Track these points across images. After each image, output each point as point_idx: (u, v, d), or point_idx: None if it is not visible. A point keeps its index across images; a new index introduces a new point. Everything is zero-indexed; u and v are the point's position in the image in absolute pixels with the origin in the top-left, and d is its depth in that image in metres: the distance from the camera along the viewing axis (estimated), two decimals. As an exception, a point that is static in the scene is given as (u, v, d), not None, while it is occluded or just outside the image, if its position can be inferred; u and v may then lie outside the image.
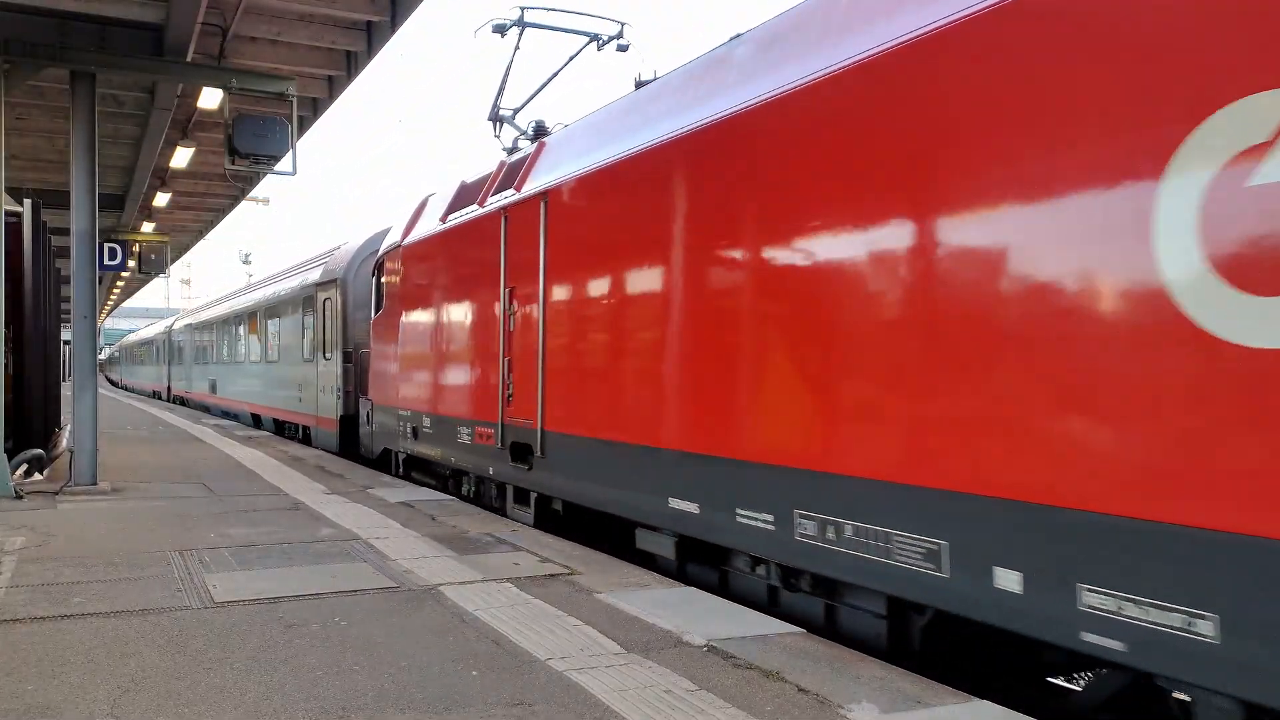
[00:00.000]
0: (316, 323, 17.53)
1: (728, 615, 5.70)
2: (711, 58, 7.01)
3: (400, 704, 4.19)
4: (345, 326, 16.07)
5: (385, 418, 13.17)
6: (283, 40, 12.94)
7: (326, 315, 16.95)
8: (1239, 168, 3.38)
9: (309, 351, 18.25)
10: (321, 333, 17.23)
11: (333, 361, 16.51)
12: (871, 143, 5.09)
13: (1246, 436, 3.34)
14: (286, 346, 20.30)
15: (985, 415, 4.36)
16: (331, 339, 16.63)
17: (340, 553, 7.54)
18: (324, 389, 17.04)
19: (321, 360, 17.23)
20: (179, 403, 38.43)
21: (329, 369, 16.78)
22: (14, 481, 10.84)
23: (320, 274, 17.73)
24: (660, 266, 6.94)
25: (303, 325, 18.83)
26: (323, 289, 17.36)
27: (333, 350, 16.49)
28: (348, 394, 15.90)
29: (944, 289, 4.60)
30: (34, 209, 13.98)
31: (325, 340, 17.02)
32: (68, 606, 5.84)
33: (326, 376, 16.88)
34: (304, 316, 18.71)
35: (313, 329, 17.87)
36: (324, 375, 17.03)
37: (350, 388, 15.87)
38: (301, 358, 18.77)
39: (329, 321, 16.83)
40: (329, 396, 16.74)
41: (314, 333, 17.72)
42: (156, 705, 4.17)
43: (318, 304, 17.54)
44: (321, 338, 17.23)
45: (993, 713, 4.14)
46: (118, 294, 47.00)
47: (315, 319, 17.66)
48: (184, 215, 24.98)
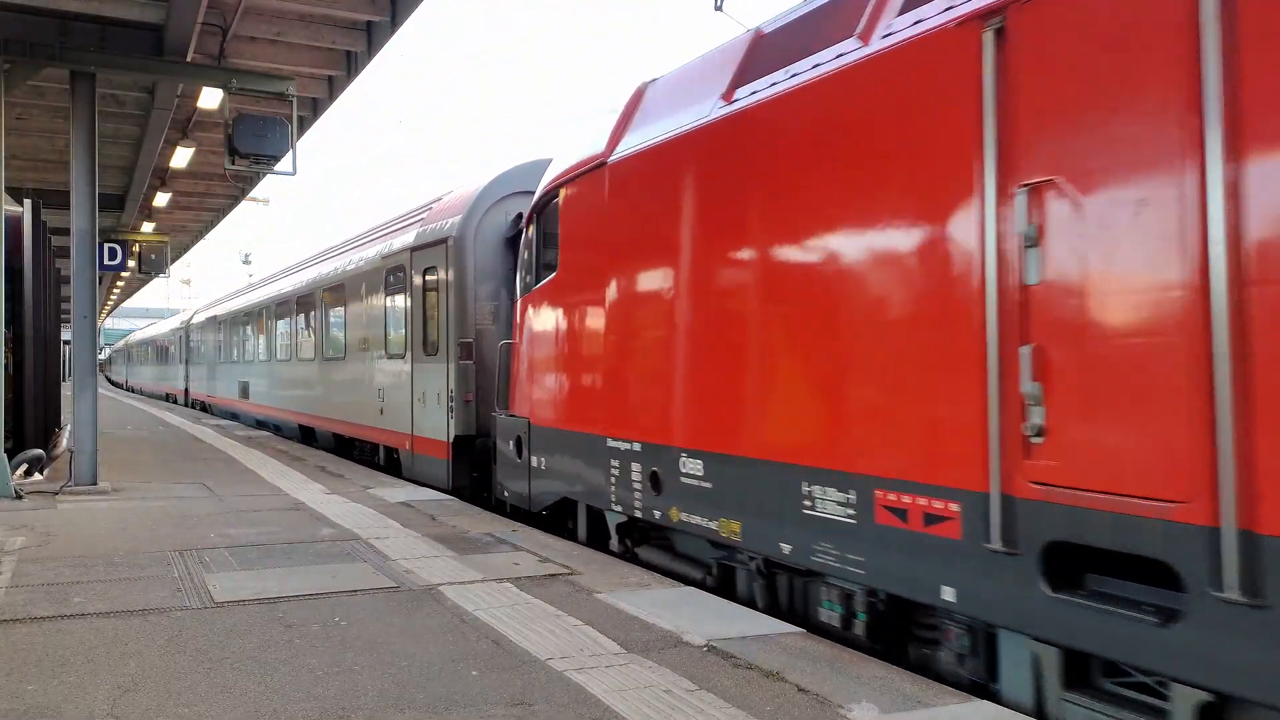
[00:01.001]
0: (411, 304, 12.76)
1: (728, 615, 5.70)
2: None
3: (400, 704, 4.19)
4: (462, 307, 11.45)
5: (563, 449, 8.35)
6: (283, 40, 12.94)
7: (428, 292, 12.31)
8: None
9: (396, 344, 13.47)
10: (420, 318, 12.51)
11: (440, 358, 11.80)
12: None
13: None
14: (359, 339, 15.19)
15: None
16: (438, 326, 11.93)
17: (340, 553, 7.54)
18: (424, 397, 12.28)
19: (419, 356, 12.50)
20: (200, 409, 32.38)
21: (432, 369, 12.03)
22: (14, 481, 10.85)
23: (416, 236, 12.77)
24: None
25: (385, 309, 13.95)
26: (422, 256, 12.52)
27: (441, 342, 11.78)
28: (466, 405, 11.30)
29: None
30: (34, 209, 14.00)
31: (426, 328, 12.34)
32: (68, 606, 5.84)
33: (429, 379, 12.12)
34: (387, 297, 13.85)
35: (404, 313, 13.04)
36: (424, 378, 12.27)
37: (470, 396, 11.26)
38: (383, 353, 14.00)
39: (434, 301, 12.16)
40: (433, 408, 11.96)
41: (406, 318, 12.94)
42: (157, 705, 4.17)
43: (412, 278, 12.80)
44: (419, 325, 12.51)
45: (993, 713, 4.14)
46: (118, 294, 47.02)
47: (408, 299, 12.84)
48: (184, 215, 24.98)
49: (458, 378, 11.34)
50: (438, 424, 11.79)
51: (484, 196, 11.57)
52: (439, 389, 11.74)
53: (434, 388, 11.94)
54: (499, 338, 10.92)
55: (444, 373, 11.63)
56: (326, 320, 17.46)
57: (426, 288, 12.36)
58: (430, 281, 12.26)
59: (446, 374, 11.55)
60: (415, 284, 12.64)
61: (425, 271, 12.34)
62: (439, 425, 11.74)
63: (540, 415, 8.87)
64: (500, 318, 11.35)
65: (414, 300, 12.65)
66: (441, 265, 11.81)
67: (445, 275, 11.70)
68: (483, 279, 11.49)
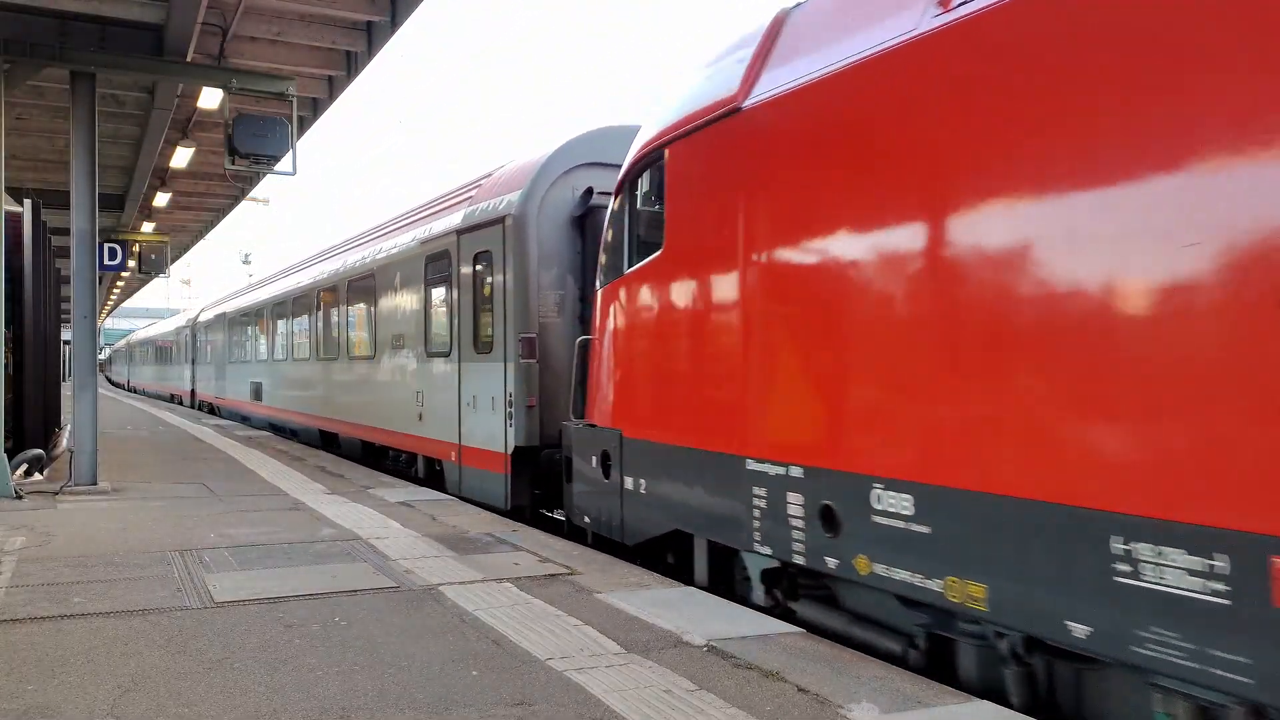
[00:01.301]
0: (457, 295, 11.19)
1: (728, 615, 5.70)
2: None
3: (400, 704, 4.20)
4: (523, 297, 9.86)
5: (675, 470, 6.81)
6: (283, 40, 12.94)
7: (479, 281, 10.76)
8: None
9: (439, 341, 11.91)
10: (469, 311, 10.94)
11: (495, 356, 10.24)
12: None
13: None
14: (393, 335, 13.50)
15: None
16: (493, 320, 10.36)
17: (340, 553, 7.54)
18: (474, 401, 10.70)
19: (468, 355, 10.94)
20: (208, 411, 30.71)
21: (485, 370, 10.47)
22: (14, 481, 10.85)
23: (464, 217, 11.17)
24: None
25: (425, 301, 12.34)
26: (472, 239, 10.88)
27: (496, 338, 10.24)
28: (528, 411, 9.76)
29: None
30: (34, 209, 14.02)
31: (477, 322, 10.82)
32: (68, 606, 5.84)
33: (480, 381, 10.56)
34: (427, 288, 12.26)
35: (449, 306, 11.49)
36: (475, 379, 10.72)
37: (533, 400, 9.78)
38: (422, 351, 12.38)
39: (486, 291, 10.59)
40: (485, 414, 10.41)
41: (452, 312, 11.36)
42: (157, 705, 4.17)
43: (458, 265, 11.23)
44: (468, 319, 10.94)
45: (992, 713, 4.14)
46: (118, 294, 47.02)
47: (454, 289, 11.29)
48: (184, 215, 24.98)
49: (518, 379, 9.77)
50: (492, 432, 10.17)
51: (548, 169, 9.98)
52: (494, 392, 10.15)
53: (487, 391, 10.35)
54: (565, 332, 9.76)
55: (500, 373, 10.02)
56: (353, 315, 15.73)
57: (477, 276, 10.79)
58: (482, 268, 10.66)
59: (503, 375, 9.94)
60: (463, 272, 11.09)
61: (476, 257, 10.75)
62: (494, 434, 10.14)
63: (638, 426, 7.26)
64: (566, 309, 9.93)
65: (461, 291, 11.09)
66: (497, 249, 10.24)
67: (501, 261, 10.12)
68: (546, 264, 9.90)
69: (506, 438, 9.89)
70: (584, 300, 9.74)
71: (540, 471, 9.78)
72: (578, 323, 9.78)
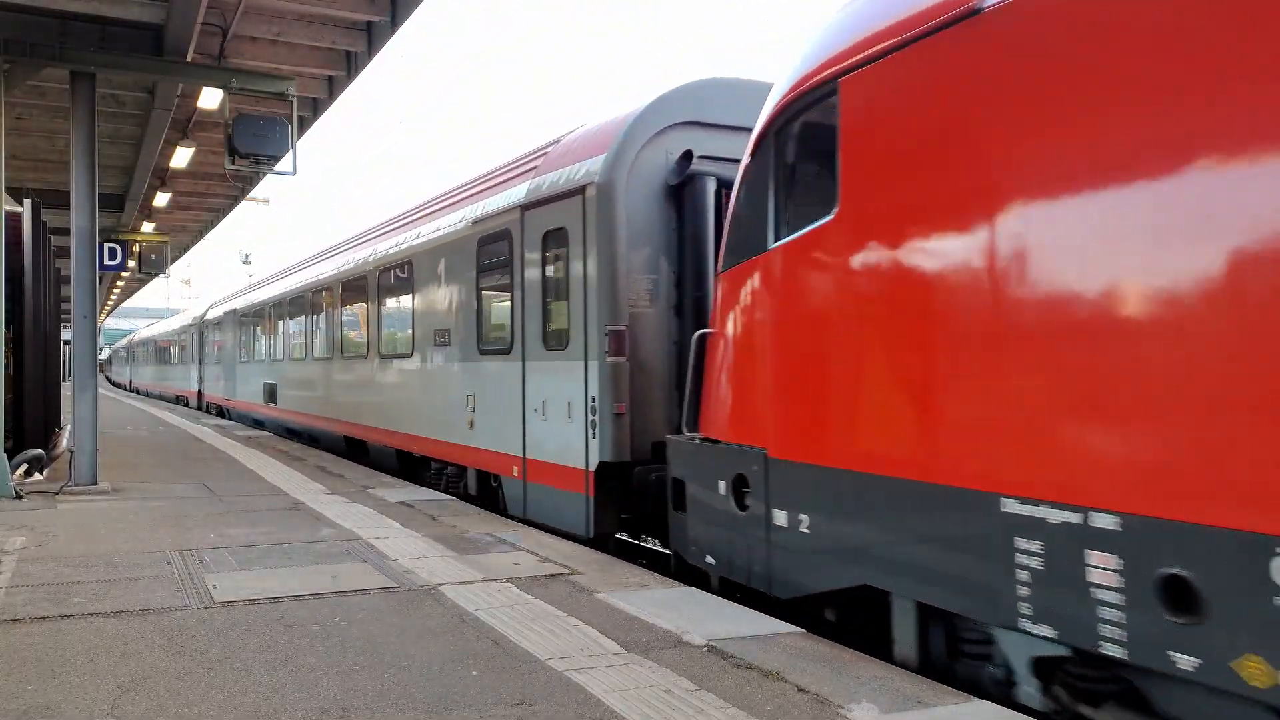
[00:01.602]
0: (521, 281, 9.62)
1: (728, 615, 5.70)
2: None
3: (400, 704, 4.20)
4: (610, 282, 8.27)
5: (864, 505, 5.19)
6: (283, 40, 12.95)
7: (549, 265, 9.23)
8: None
9: (496, 337, 10.37)
10: (535, 300, 9.36)
11: (571, 354, 8.69)
12: None
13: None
14: (436, 331, 11.88)
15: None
16: (569, 310, 8.81)
17: (340, 553, 7.54)
18: (543, 407, 9.11)
19: (535, 352, 9.34)
20: (217, 413, 28.94)
21: (558, 369, 8.92)
22: (14, 481, 10.85)
23: (529, 190, 9.58)
24: None
25: (477, 290, 10.75)
26: (540, 215, 9.29)
27: (574, 331, 8.68)
28: (617, 419, 8.19)
29: None
30: (34, 209, 14.02)
31: (546, 313, 9.24)
32: (68, 606, 5.84)
33: (552, 383, 9.00)
34: (480, 275, 10.65)
35: (510, 295, 9.91)
36: (544, 380, 9.13)
37: (623, 406, 8.21)
38: (473, 348, 10.78)
39: (559, 276, 9.03)
40: (558, 423, 8.84)
41: (514, 301, 9.78)
42: (157, 705, 4.17)
43: (521, 247, 9.63)
44: (535, 309, 9.37)
45: (992, 713, 4.14)
46: (118, 294, 47.05)
47: (517, 275, 9.70)
48: (184, 215, 25.00)
49: (604, 380, 8.18)
50: (568, 444, 8.63)
51: (637, 129, 8.44)
52: (570, 396, 8.59)
53: (562, 394, 8.75)
54: (658, 325, 8.40)
55: (579, 374, 8.50)
56: (385, 308, 14.17)
57: (547, 258, 9.22)
58: (554, 249, 9.10)
59: (583, 375, 8.42)
60: (527, 255, 9.52)
61: (546, 237, 9.18)
62: (570, 446, 8.59)
63: (797, 445, 5.65)
64: (660, 297, 8.44)
65: (526, 276, 9.53)
66: (574, 225, 8.69)
67: (581, 239, 8.57)
68: (637, 243, 8.35)
69: (588, 451, 8.34)
70: (679, 286, 8.45)
71: (635, 492, 8.19)
72: (673, 313, 8.46)
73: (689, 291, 8.33)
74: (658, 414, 8.25)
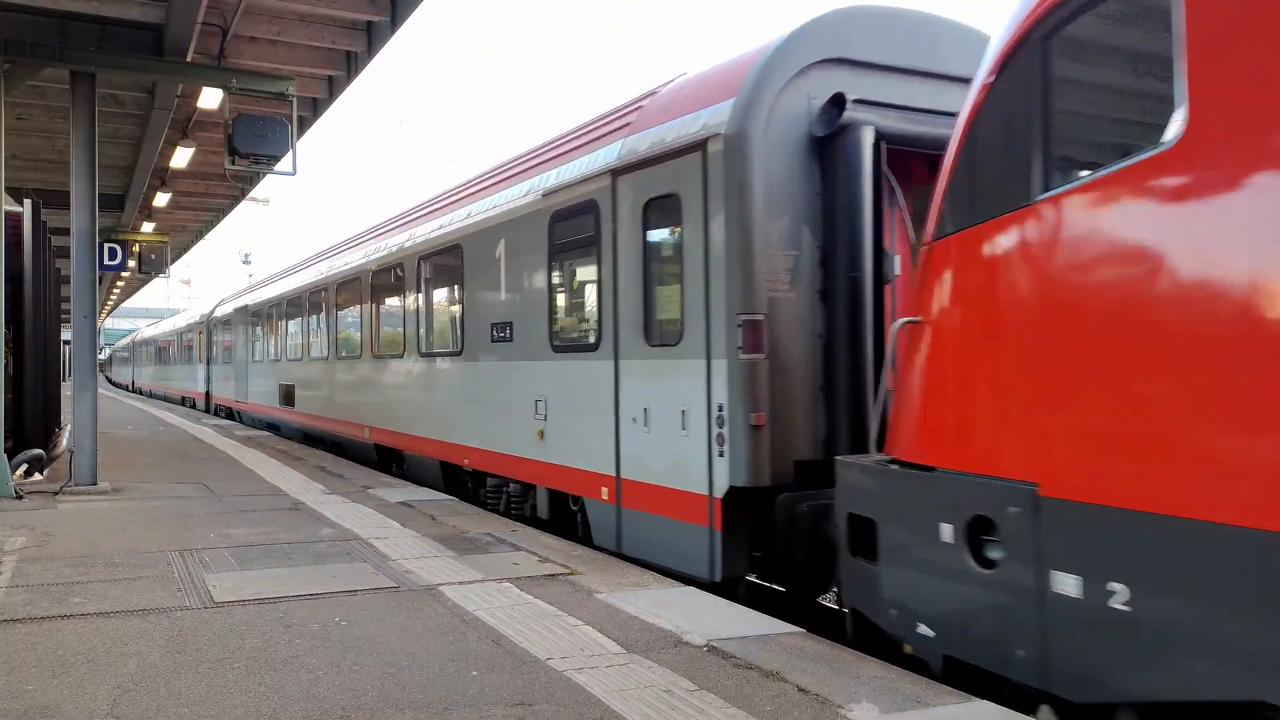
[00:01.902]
0: (614, 261, 8.01)
1: (728, 615, 5.70)
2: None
3: (400, 704, 4.20)
4: (745, 260, 6.69)
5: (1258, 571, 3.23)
6: (283, 40, 12.95)
7: (652, 241, 7.69)
8: None
9: (579, 330, 8.92)
10: (634, 284, 7.79)
11: (687, 350, 7.11)
12: None
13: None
14: (497, 323, 10.12)
15: None
16: (688, 295, 7.15)
17: (340, 553, 7.54)
18: (645, 416, 7.52)
19: (633, 348, 7.74)
20: (226, 416, 27.23)
21: (665, 370, 7.37)
22: (14, 481, 10.85)
23: (624, 150, 7.98)
24: None
25: (550, 273, 9.07)
26: (639, 181, 7.73)
27: (692, 322, 7.07)
28: (754, 433, 6.55)
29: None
30: (34, 209, 14.02)
31: (650, 299, 7.65)
32: (68, 606, 5.84)
33: (658, 386, 7.42)
34: (555, 256, 9.00)
35: (599, 278, 8.24)
36: (647, 383, 7.57)
37: (762, 417, 6.60)
38: (548, 343, 9.06)
39: (669, 254, 7.57)
40: (668, 436, 7.27)
41: (603, 287, 8.18)
42: (157, 705, 4.17)
43: (613, 221, 8.04)
44: (635, 295, 7.77)
45: (992, 712, 4.14)
46: (118, 294, 47.05)
47: (607, 254, 8.10)
48: (184, 215, 25.00)
49: (735, 383, 6.53)
50: (683, 463, 7.00)
51: (774, 68, 6.82)
52: (686, 402, 6.97)
53: (673, 400, 7.16)
54: (798, 312, 6.74)
55: (698, 374, 6.87)
56: (428, 300, 12.49)
57: (650, 233, 7.65)
58: (660, 221, 7.56)
59: (705, 377, 6.80)
60: (621, 229, 7.89)
61: (648, 207, 7.59)
62: (686, 466, 6.97)
63: (1101, 479, 3.90)
64: (802, 280, 6.78)
65: (621, 256, 7.91)
66: (691, 190, 7.04)
67: (700, 206, 6.93)
68: (775, 211, 6.73)
69: (711, 473, 6.70)
70: (825, 265, 6.84)
71: (767, 526, 6.62)
72: (817, 300, 6.83)
73: (841, 272, 6.71)
74: (800, 426, 6.67)
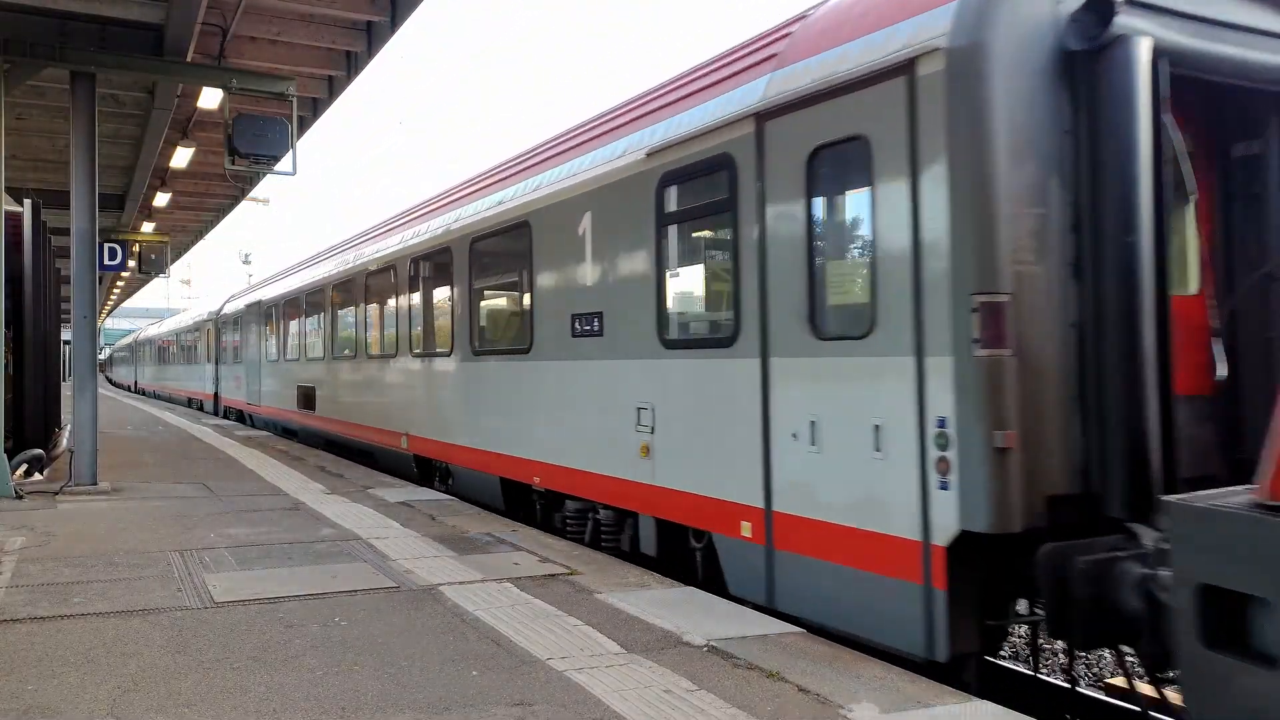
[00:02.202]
0: (761, 230, 6.26)
1: (728, 615, 5.70)
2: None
3: (400, 704, 4.20)
4: (983, 220, 4.86)
5: None
6: (283, 40, 12.96)
7: (824, 200, 6.10)
8: None
9: (698, 320, 7.61)
10: (799, 259, 5.97)
11: (883, 343, 5.35)
12: None
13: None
14: (581, 314, 8.40)
15: None
16: (882, 269, 5.38)
17: (340, 553, 7.54)
18: (815, 429, 5.79)
19: (791, 342, 6.02)
20: (237, 419, 25.46)
21: (853, 369, 5.58)
22: (14, 481, 10.85)
23: (771, 88, 6.29)
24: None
25: (656, 250, 7.36)
26: (800, 122, 5.98)
27: (890, 304, 5.32)
28: (998, 458, 4.72)
29: None
30: (34, 209, 14.02)
31: (819, 279, 5.93)
32: (68, 606, 5.84)
33: (840, 391, 5.65)
34: (663, 228, 7.35)
35: (734, 253, 6.52)
36: (817, 387, 5.81)
37: (1011, 437, 4.73)
38: (653, 337, 7.37)
39: (845, 218, 6.15)
40: (861, 459, 5.49)
41: (744, 262, 6.42)
42: (157, 705, 4.17)
43: (760, 175, 6.28)
44: (799, 274, 5.96)
45: (992, 712, 4.15)
46: (118, 294, 47.05)
47: (748, 221, 6.39)
48: (184, 215, 25.00)
49: (971, 390, 4.83)
50: (879, 495, 5.33)
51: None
52: (884, 414, 5.30)
53: (859, 412, 5.50)
54: (1047, 293, 4.92)
55: (903, 377, 5.19)
56: (482, 290, 10.80)
57: (817, 190, 5.95)
58: (835, 175, 5.92)
59: (916, 381, 5.12)
60: (771, 190, 6.17)
61: (815, 157, 5.86)
62: (884, 499, 5.29)
63: None
64: (1049, 249, 4.96)
65: (773, 223, 6.18)
66: (888, 130, 5.34)
67: (905, 151, 5.23)
68: (1017, 155, 4.94)
69: (927, 511, 5.01)
70: (1078, 230, 4.99)
71: (1015, 585, 5.08)
72: (1070, 276, 4.98)
73: (1109, 236, 4.86)
74: (1054, 449, 4.87)
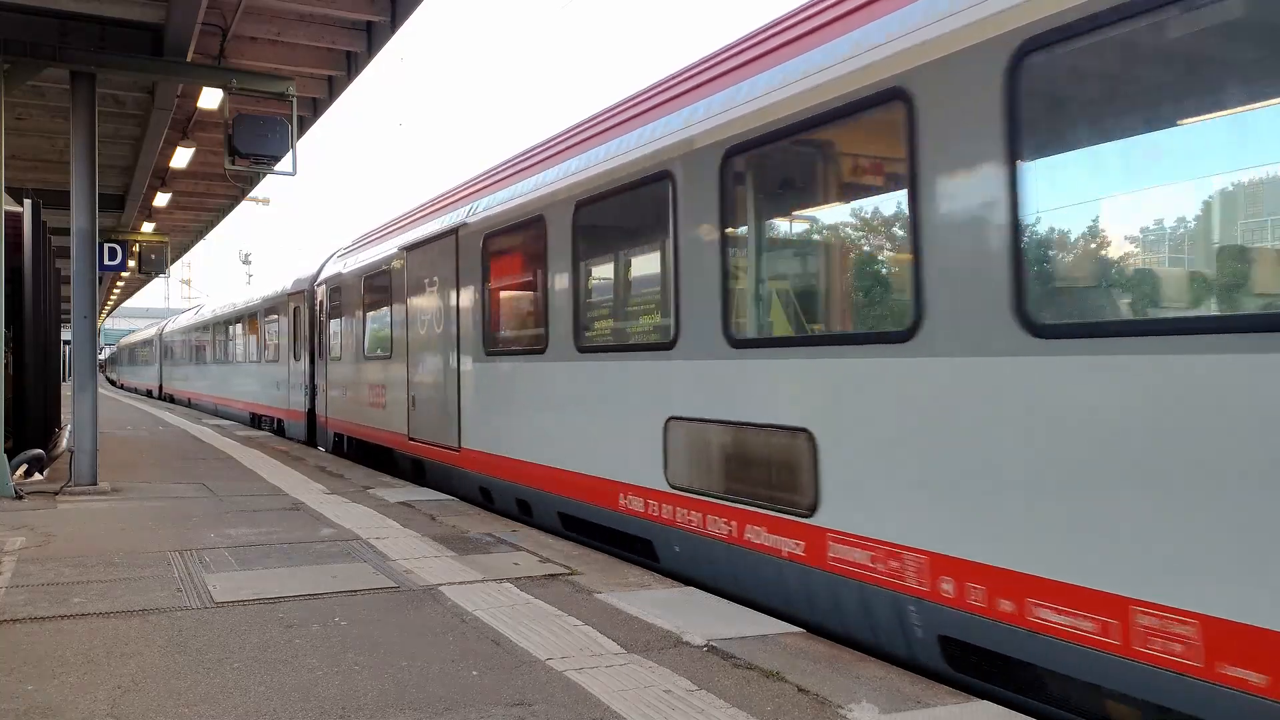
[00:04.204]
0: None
1: (728, 615, 5.70)
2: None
3: (400, 704, 4.19)
4: None
5: None
6: (283, 40, 12.95)
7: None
8: None
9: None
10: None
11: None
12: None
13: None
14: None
15: None
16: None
17: (340, 553, 7.54)
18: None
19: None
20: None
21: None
22: (14, 481, 10.85)
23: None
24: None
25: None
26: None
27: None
28: None
29: None
30: (34, 209, 13.99)
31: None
32: (68, 606, 5.84)
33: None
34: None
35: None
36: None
37: None
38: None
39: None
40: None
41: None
42: (157, 705, 4.17)
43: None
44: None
45: (992, 713, 4.14)
46: (118, 294, 47.01)
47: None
48: (184, 215, 24.98)
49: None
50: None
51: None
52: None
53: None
54: None
55: None
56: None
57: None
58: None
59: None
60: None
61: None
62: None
63: None
64: None
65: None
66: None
67: None
68: None
69: None
70: None
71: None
72: None
73: None
74: None
